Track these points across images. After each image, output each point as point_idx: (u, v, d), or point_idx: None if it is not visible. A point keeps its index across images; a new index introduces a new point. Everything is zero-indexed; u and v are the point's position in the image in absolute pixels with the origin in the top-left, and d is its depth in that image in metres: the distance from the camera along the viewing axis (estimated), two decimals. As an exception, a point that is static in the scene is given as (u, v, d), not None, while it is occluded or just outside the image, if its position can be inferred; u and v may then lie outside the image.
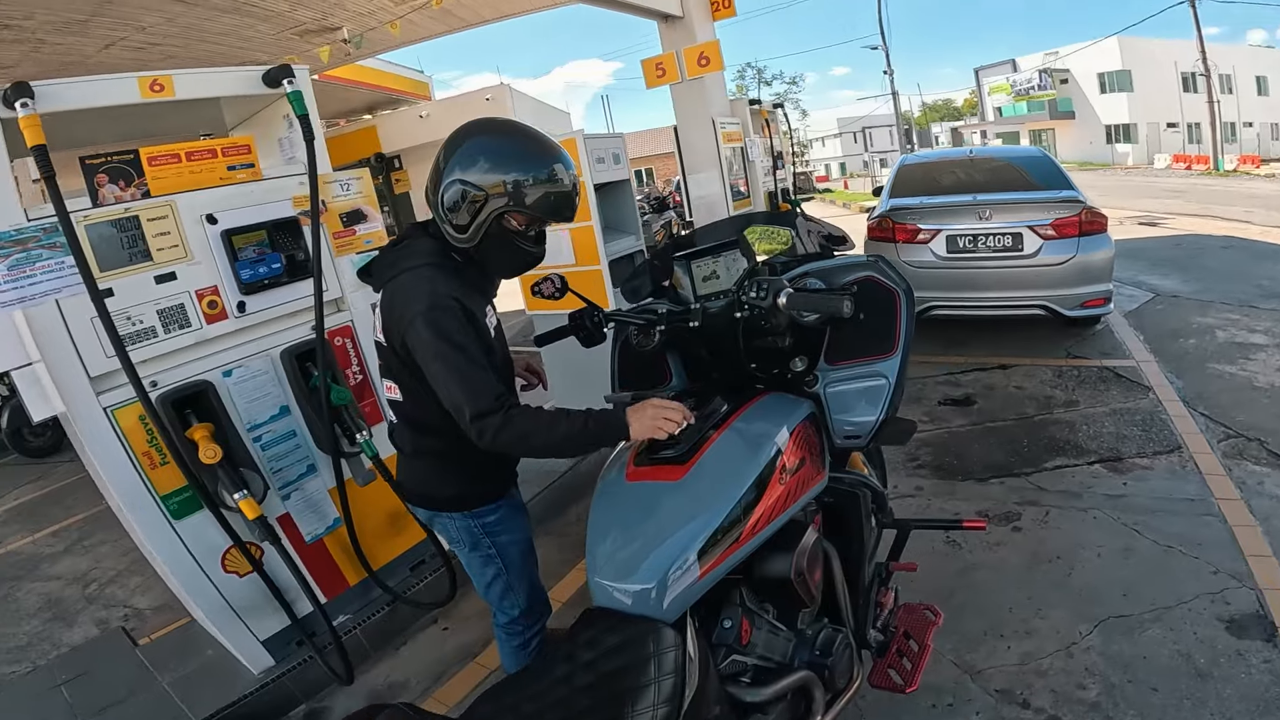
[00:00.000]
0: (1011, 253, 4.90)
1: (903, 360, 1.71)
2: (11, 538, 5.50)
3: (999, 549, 2.85)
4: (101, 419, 2.28)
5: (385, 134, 6.65)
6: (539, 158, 1.63)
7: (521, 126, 1.73)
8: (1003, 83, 38.89)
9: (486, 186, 1.60)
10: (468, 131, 1.68)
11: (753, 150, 5.88)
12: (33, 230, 2.16)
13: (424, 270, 1.68)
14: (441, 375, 1.59)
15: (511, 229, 1.69)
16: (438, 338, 1.57)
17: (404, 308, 1.64)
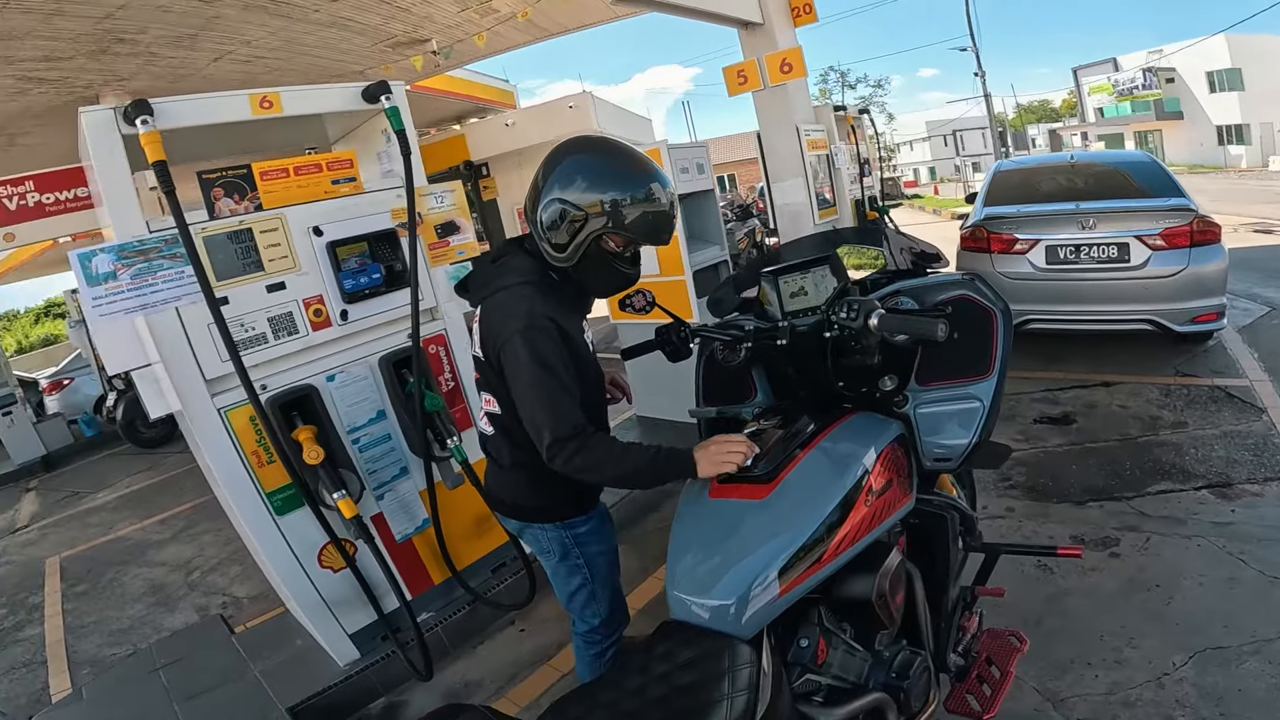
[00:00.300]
0: (1117, 264, 4.62)
1: (999, 383, 1.64)
2: (121, 523, 5.95)
3: (1093, 575, 2.72)
4: (215, 419, 2.42)
5: (473, 142, 6.85)
6: (638, 178, 1.64)
7: (621, 145, 1.73)
8: (1104, 83, 36.82)
9: (586, 206, 1.62)
10: (567, 150, 1.69)
11: (839, 157, 5.75)
12: (154, 241, 2.31)
13: (522, 289, 1.70)
14: (528, 395, 1.62)
15: (609, 250, 1.69)
16: (531, 358, 1.60)
17: (501, 325, 1.66)
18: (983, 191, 5.67)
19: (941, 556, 1.77)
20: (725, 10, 4.88)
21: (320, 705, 2.67)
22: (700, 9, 4.60)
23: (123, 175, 2.35)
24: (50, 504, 7.33)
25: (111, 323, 2.26)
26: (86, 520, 6.35)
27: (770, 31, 5.20)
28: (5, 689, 3.58)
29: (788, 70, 4.98)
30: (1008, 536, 3.05)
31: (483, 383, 1.87)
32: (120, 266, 2.26)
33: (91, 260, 2.22)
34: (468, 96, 11.25)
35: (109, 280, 2.24)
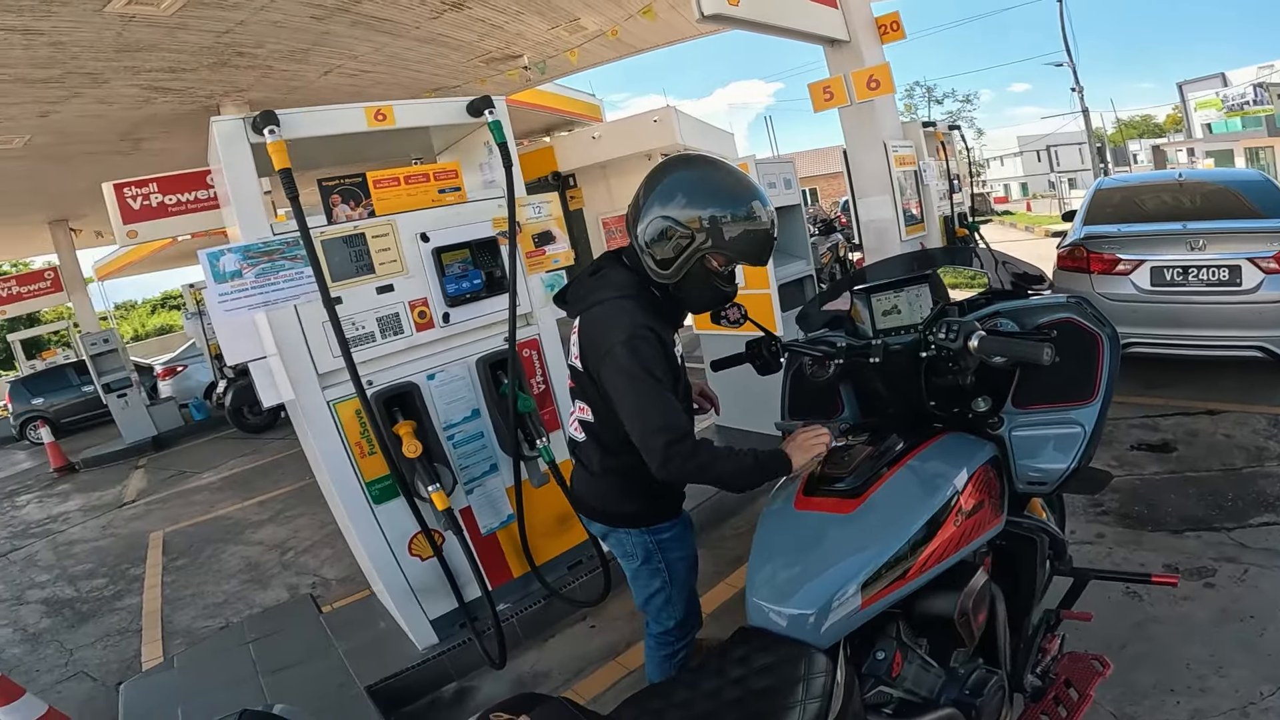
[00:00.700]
0: (1227, 287, 4.36)
1: (1102, 409, 1.60)
2: (223, 503, 6.34)
3: (1185, 604, 2.60)
4: (325, 410, 2.59)
5: (561, 154, 7.03)
6: (743, 197, 1.66)
7: (723, 164, 1.76)
8: (1211, 98, 34.60)
9: (692, 224, 1.65)
10: (671, 167, 1.73)
11: (927, 173, 5.62)
12: (278, 243, 2.48)
13: (623, 301, 1.74)
14: (633, 403, 1.65)
15: (712, 268, 1.73)
16: (636, 367, 1.64)
17: (603, 336, 1.70)
18: (1082, 210, 5.45)
19: (1027, 579, 1.74)
20: (811, 28, 4.86)
21: (396, 686, 2.79)
22: (785, 27, 4.59)
23: (250, 180, 2.53)
24: (157, 482, 7.87)
25: (234, 317, 2.42)
26: (190, 498, 6.80)
27: (857, 48, 5.14)
28: (99, 655, 3.82)
29: (875, 87, 4.92)
30: (1097, 562, 2.94)
31: (578, 391, 1.92)
32: (246, 265, 2.42)
33: (219, 259, 2.39)
34: (556, 110, 11.60)
35: (235, 278, 2.41)
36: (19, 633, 4.32)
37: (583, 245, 7.20)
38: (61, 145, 7.49)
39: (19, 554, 6.06)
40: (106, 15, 4.90)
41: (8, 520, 7.51)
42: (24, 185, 8.77)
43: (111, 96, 6.48)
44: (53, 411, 12.97)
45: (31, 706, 2.64)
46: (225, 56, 6.21)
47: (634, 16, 7.23)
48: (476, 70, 8.10)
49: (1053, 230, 14.13)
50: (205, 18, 5.38)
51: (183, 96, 6.89)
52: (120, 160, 8.35)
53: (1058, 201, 24.62)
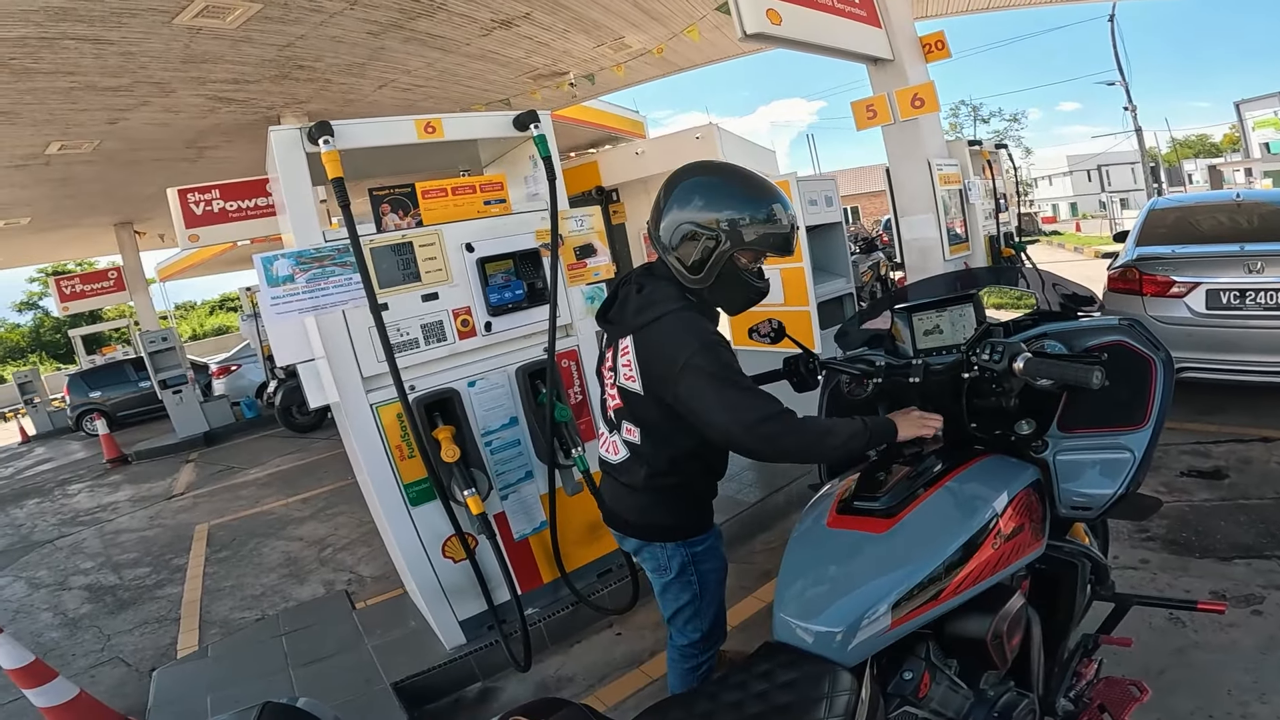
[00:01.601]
0: (1287, 312, 4.21)
1: (1154, 435, 1.55)
2: (268, 499, 6.50)
3: (1230, 631, 2.53)
4: (368, 413, 2.67)
5: (605, 168, 7.13)
6: (763, 193, 1.72)
7: (737, 167, 1.81)
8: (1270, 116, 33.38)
9: (717, 225, 1.69)
10: (689, 172, 1.77)
11: (973, 193, 5.55)
12: (329, 250, 2.56)
13: (684, 313, 1.74)
14: (720, 405, 1.62)
15: (742, 266, 1.75)
16: (720, 369, 1.63)
17: (676, 350, 1.67)
18: (1135, 230, 5.31)
19: (1065, 604, 1.70)
20: (854, 47, 4.85)
21: (422, 683, 2.84)
22: (828, 45, 4.59)
23: (305, 188, 2.63)
24: (206, 476, 8.12)
25: (285, 320, 2.50)
26: (237, 493, 7.00)
27: (900, 67, 5.11)
28: (136, 641, 3.94)
29: (919, 105, 4.89)
30: (1140, 588, 2.86)
31: (626, 413, 1.87)
32: (298, 270, 2.50)
33: (273, 263, 2.47)
34: (601, 125, 11.79)
35: (287, 282, 2.48)
36: (59, 617, 4.48)
37: (624, 259, 7.28)
38: (130, 151, 7.85)
39: (66, 541, 6.30)
40: (175, 27, 5.15)
41: (58, 508, 7.82)
42: (93, 188, 9.20)
43: (178, 105, 6.79)
44: (109, 405, 13.54)
45: (63, 689, 2.73)
46: (286, 69, 6.47)
47: (678, 36, 7.33)
48: (524, 86, 8.29)
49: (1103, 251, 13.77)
50: (268, 32, 5.62)
51: (245, 107, 7.18)
52: (185, 167, 8.72)
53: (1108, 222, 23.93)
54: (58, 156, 7.52)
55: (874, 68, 5.22)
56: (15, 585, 5.29)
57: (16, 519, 7.68)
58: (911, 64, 5.16)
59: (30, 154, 7.30)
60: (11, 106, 5.98)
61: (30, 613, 4.65)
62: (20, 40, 4.83)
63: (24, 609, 4.74)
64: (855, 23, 4.77)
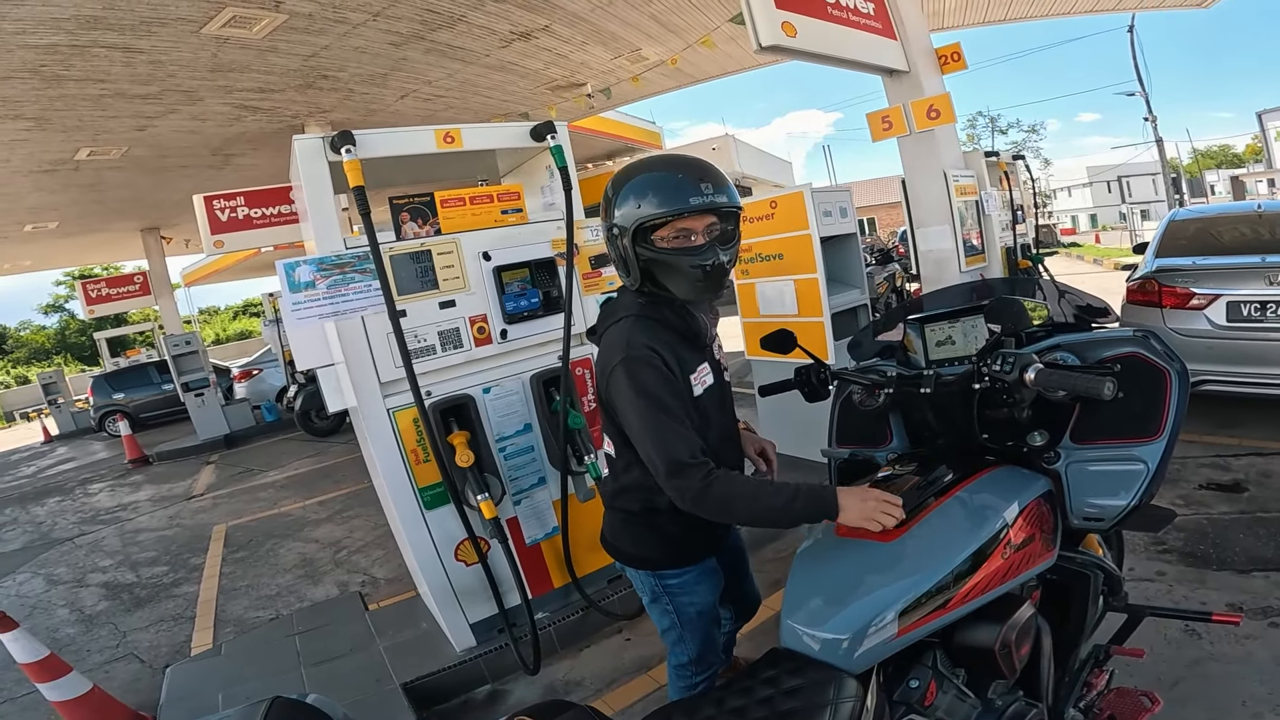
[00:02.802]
0: (1309, 325, 4.16)
1: (1168, 447, 1.53)
2: (286, 501, 6.59)
3: (1247, 643, 2.50)
4: (384, 417, 2.71)
5: (622, 179, 7.19)
6: (643, 165, 1.66)
7: (641, 158, 1.75)
8: (1293, 127, 32.91)
9: (619, 219, 1.63)
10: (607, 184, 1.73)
11: (989, 204, 5.52)
12: (349, 256, 2.62)
13: (624, 322, 1.67)
14: (636, 427, 1.55)
15: (666, 246, 1.61)
16: (632, 389, 1.55)
17: (605, 361, 1.65)
18: (1155, 242, 5.27)
19: (1077, 614, 1.69)
20: (869, 59, 4.85)
21: (431, 684, 2.88)
22: (843, 58, 4.60)
23: (327, 196, 2.68)
24: (225, 477, 8.24)
25: (306, 325, 2.55)
26: (255, 495, 7.09)
27: (916, 79, 5.11)
28: (151, 638, 3.99)
29: (935, 116, 4.89)
30: (1156, 600, 2.84)
31: (603, 424, 1.84)
32: (319, 277, 2.56)
33: (295, 270, 2.52)
34: (618, 136, 11.89)
35: (308, 288, 2.54)
36: (75, 613, 4.56)
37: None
38: (157, 158, 8.02)
39: (86, 539, 6.41)
40: (203, 37, 5.27)
41: (79, 506, 7.96)
42: (120, 194, 9.38)
43: (205, 113, 6.93)
44: (132, 406, 13.78)
45: (76, 684, 2.77)
46: (311, 79, 6.59)
47: (693, 46, 7.40)
48: (542, 97, 8.39)
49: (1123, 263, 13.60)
50: (294, 42, 5.74)
51: (271, 115, 7.32)
52: (211, 174, 8.88)
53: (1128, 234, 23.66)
54: (87, 162, 7.69)
55: (890, 79, 5.23)
56: (34, 581, 5.39)
57: (37, 516, 7.82)
58: (927, 76, 5.17)
59: (60, 159, 7.47)
60: (42, 112, 6.12)
61: (47, 608, 4.74)
62: (51, 48, 4.95)
63: (41, 605, 4.83)
64: (871, 35, 4.79)
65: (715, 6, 6.64)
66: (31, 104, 5.89)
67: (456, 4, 5.65)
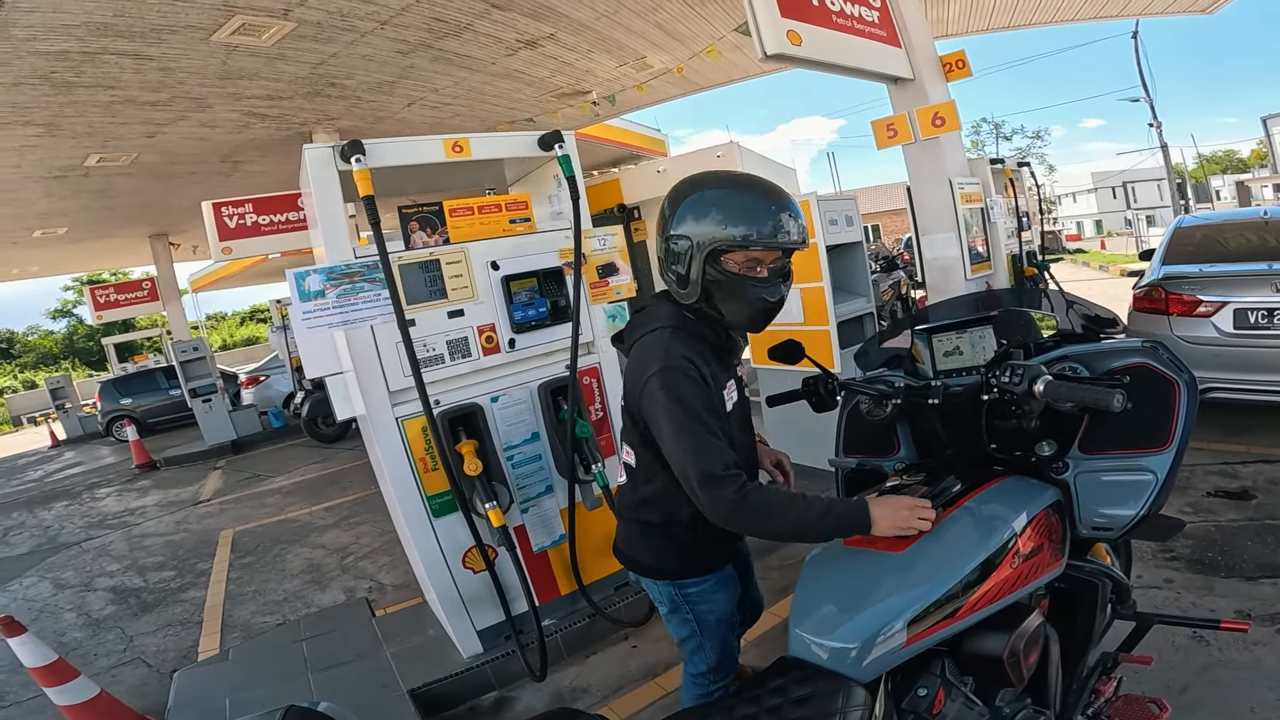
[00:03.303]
0: (1316, 332, 4.16)
1: (1176, 457, 1.54)
2: (293, 507, 6.62)
3: (1256, 649, 2.51)
4: (393, 425, 2.73)
5: (627, 186, 7.21)
6: (738, 184, 1.60)
7: (725, 170, 1.71)
8: (1299, 131, 32.82)
9: (690, 233, 1.59)
10: (677, 185, 1.69)
11: (994, 211, 5.53)
12: (359, 266, 2.62)
13: (660, 332, 1.65)
14: (670, 438, 1.54)
15: (736, 272, 1.60)
16: (669, 399, 1.53)
17: (639, 370, 1.62)
18: (1160, 249, 5.28)
19: (1085, 623, 1.70)
20: (874, 67, 4.86)
21: (438, 691, 2.89)
22: (848, 66, 4.61)
23: (337, 205, 2.70)
24: (232, 483, 8.27)
25: (316, 334, 2.56)
26: (262, 500, 7.12)
27: (921, 86, 5.12)
28: (158, 643, 4.01)
29: (940, 124, 4.90)
30: (1163, 608, 2.84)
31: (625, 433, 1.83)
32: (329, 286, 2.56)
33: (305, 279, 2.53)
34: (623, 144, 11.94)
35: (318, 298, 2.54)
36: (82, 617, 4.58)
37: (645, 276, 7.35)
38: (166, 164, 8.05)
39: (93, 543, 6.45)
40: (212, 44, 5.30)
41: (86, 511, 8.00)
42: (130, 200, 9.42)
43: (214, 120, 6.97)
44: (140, 412, 13.84)
45: (84, 689, 2.78)
46: (319, 86, 6.63)
47: (698, 55, 7.42)
48: (548, 104, 8.42)
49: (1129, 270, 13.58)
50: (302, 50, 5.77)
51: (279, 123, 7.36)
52: (220, 180, 8.92)
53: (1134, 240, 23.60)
54: (96, 168, 7.71)
55: (894, 87, 5.24)
56: (41, 585, 5.43)
57: (44, 520, 7.87)
58: (932, 83, 5.18)
59: (69, 165, 7.49)
60: (53, 118, 6.15)
61: (55, 612, 4.76)
62: (62, 54, 4.98)
63: (48, 609, 4.86)
64: (875, 43, 4.81)
65: (720, 15, 6.66)
66: (42, 110, 5.91)
67: (463, 13, 5.68)
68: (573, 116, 8.83)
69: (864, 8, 4.70)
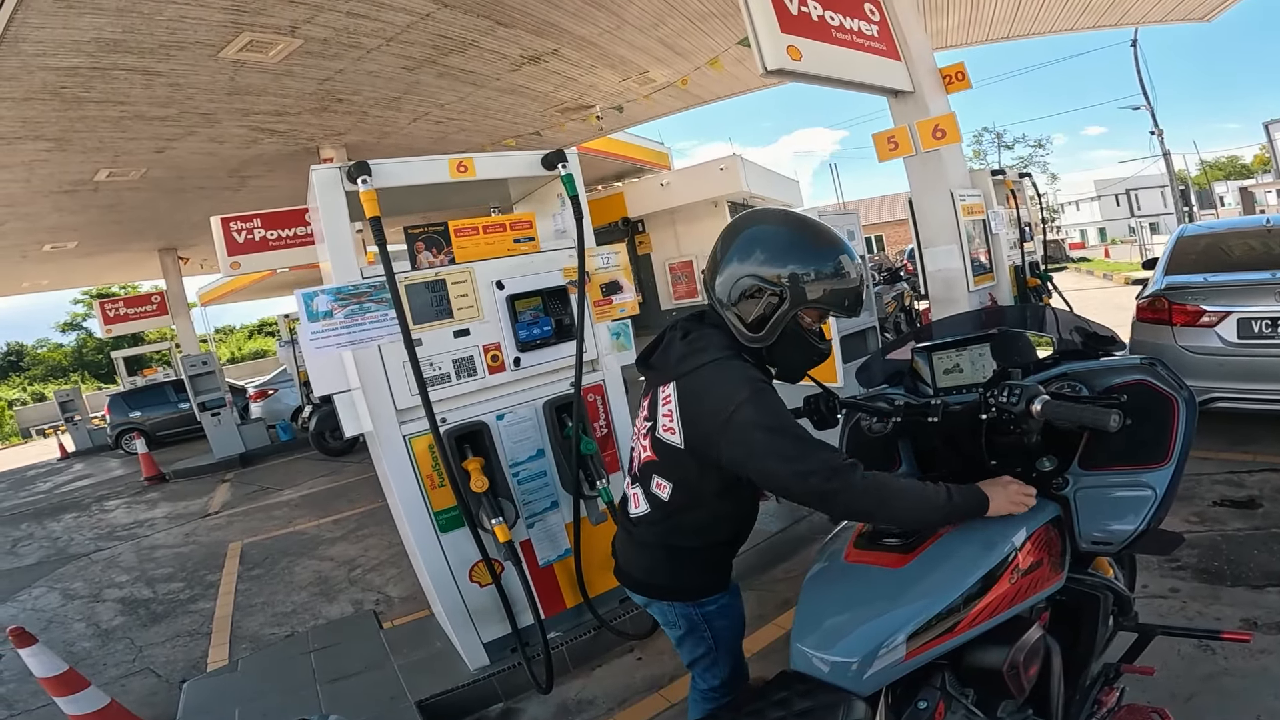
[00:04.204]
0: (1321, 341, 4.15)
1: (1176, 472, 1.55)
2: (300, 519, 6.65)
3: (1261, 657, 2.50)
4: (401, 443, 2.77)
5: (631, 200, 7.25)
6: (828, 248, 1.61)
7: (801, 215, 1.69)
8: (1301, 136, 32.72)
9: (783, 281, 1.57)
10: (750, 220, 1.67)
11: (996, 223, 5.54)
12: (365, 286, 2.66)
13: (733, 360, 1.62)
14: (776, 455, 1.50)
15: (806, 326, 1.65)
16: (772, 419, 1.52)
17: (723, 399, 1.55)
18: (1164, 259, 5.27)
19: (1087, 635, 1.70)
20: (874, 80, 4.89)
21: (445, 702, 2.91)
22: (849, 80, 4.63)
23: (343, 224, 2.74)
24: (241, 495, 8.32)
25: (324, 354, 2.60)
26: (270, 513, 7.17)
27: (921, 99, 5.14)
28: (167, 654, 4.04)
29: (941, 136, 4.92)
30: (1169, 617, 2.84)
31: (659, 466, 1.73)
32: (337, 306, 2.60)
33: (313, 300, 2.57)
34: (627, 157, 12.02)
35: (326, 318, 2.57)
36: (92, 628, 4.62)
37: (650, 290, 7.38)
38: (176, 179, 8.15)
39: (102, 555, 6.50)
40: (220, 60, 5.38)
41: (95, 522, 8.06)
42: (139, 215, 9.53)
43: (223, 135, 7.06)
44: (149, 425, 13.95)
45: (94, 699, 2.81)
46: (326, 102, 6.71)
47: (701, 69, 7.49)
48: (552, 119, 8.50)
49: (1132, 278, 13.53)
50: (309, 66, 5.86)
51: (287, 138, 7.45)
52: (228, 195, 9.02)
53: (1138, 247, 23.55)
54: (106, 183, 7.81)
55: (895, 100, 5.27)
56: (50, 596, 5.47)
57: (54, 532, 7.93)
58: (932, 95, 5.21)
59: (79, 180, 7.59)
60: (63, 134, 6.23)
61: (64, 622, 4.80)
62: (72, 70, 5.06)
63: (58, 619, 4.90)
64: (875, 56, 4.84)
65: (722, 30, 6.73)
66: (52, 125, 6.00)
67: (468, 29, 5.75)
68: (577, 130, 8.91)
69: (863, 21, 4.74)
